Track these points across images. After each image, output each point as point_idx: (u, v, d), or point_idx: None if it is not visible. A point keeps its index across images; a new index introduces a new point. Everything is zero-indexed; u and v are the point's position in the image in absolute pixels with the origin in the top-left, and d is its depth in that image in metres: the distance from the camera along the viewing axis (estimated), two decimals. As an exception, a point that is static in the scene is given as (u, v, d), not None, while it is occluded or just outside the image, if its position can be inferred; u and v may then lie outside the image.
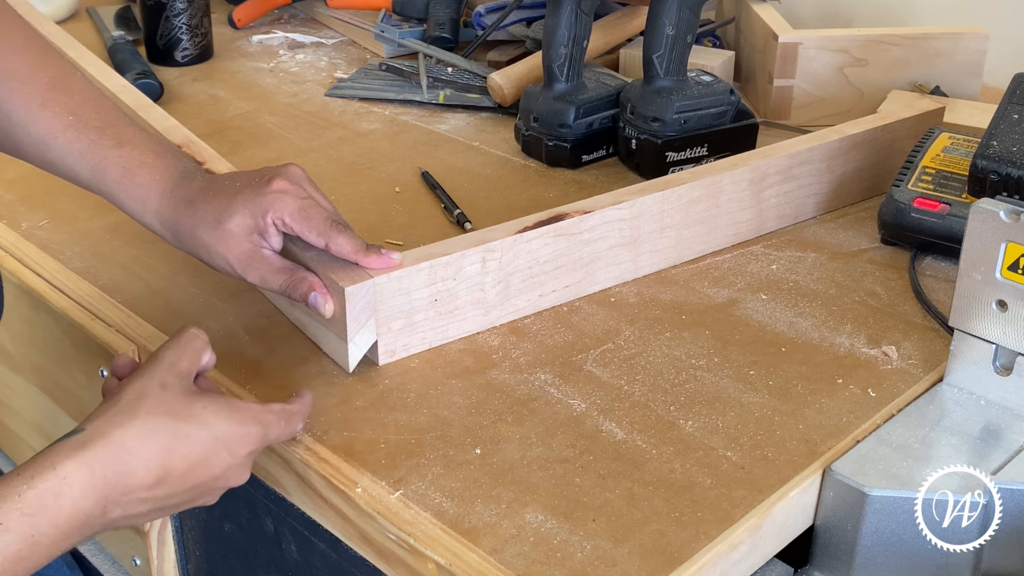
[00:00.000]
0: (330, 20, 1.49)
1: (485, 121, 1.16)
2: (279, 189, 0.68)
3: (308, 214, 0.68)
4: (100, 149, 0.70)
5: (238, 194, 0.69)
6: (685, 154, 0.99)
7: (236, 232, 0.68)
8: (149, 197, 0.71)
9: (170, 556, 0.83)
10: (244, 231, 0.68)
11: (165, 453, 0.56)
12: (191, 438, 0.57)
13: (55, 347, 0.81)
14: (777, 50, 1.12)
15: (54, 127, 0.70)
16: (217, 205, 0.69)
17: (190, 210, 0.69)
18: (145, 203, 0.71)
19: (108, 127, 0.71)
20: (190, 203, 0.70)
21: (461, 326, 0.74)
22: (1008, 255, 0.64)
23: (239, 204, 0.68)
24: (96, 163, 0.70)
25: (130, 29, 1.40)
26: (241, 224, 0.68)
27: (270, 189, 0.68)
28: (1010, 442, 0.64)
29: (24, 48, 0.71)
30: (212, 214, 0.68)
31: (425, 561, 0.57)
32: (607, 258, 0.80)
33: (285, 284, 0.69)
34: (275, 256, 0.69)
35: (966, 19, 1.27)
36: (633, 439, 0.64)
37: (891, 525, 0.60)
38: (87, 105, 0.72)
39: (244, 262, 0.68)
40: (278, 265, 0.69)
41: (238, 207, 0.68)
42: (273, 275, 0.69)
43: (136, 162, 0.71)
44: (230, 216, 0.68)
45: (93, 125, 0.71)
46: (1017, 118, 0.80)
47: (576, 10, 0.99)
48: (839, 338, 0.75)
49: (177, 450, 0.57)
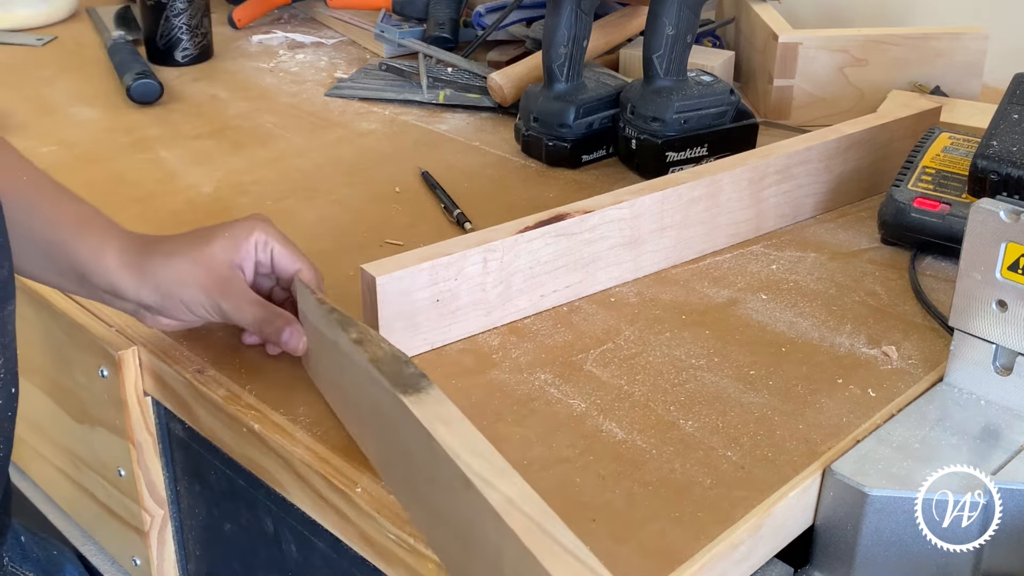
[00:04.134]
0: (330, 20, 1.49)
1: (485, 121, 1.16)
2: (260, 218, 0.71)
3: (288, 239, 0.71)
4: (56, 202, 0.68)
5: (217, 226, 0.70)
6: (685, 154, 0.99)
7: (218, 255, 0.68)
8: (108, 240, 0.68)
9: (170, 556, 0.83)
10: (225, 254, 0.68)
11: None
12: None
13: (55, 347, 0.81)
14: (777, 50, 1.12)
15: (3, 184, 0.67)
16: (195, 234, 0.69)
17: (161, 243, 0.69)
18: (103, 246, 0.67)
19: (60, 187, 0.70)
20: (160, 240, 0.69)
21: (463, 326, 0.74)
22: (1008, 255, 0.64)
23: (220, 229, 0.69)
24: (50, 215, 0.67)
25: (130, 29, 1.41)
26: (223, 247, 0.68)
27: (252, 217, 0.71)
28: (1010, 442, 0.64)
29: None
30: (189, 240, 0.69)
31: (425, 561, 0.57)
32: (608, 258, 0.80)
33: (260, 316, 0.68)
34: (250, 289, 0.69)
35: (966, 19, 1.27)
36: (633, 439, 0.64)
37: (891, 525, 0.60)
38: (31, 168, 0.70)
39: (221, 288, 0.68)
40: (254, 298, 0.69)
41: (220, 232, 0.69)
42: (248, 305, 0.68)
43: (92, 213, 0.69)
44: (211, 240, 0.68)
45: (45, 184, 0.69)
46: (1017, 118, 0.80)
47: (576, 10, 0.99)
48: (839, 338, 0.75)
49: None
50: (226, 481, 0.75)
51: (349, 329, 0.62)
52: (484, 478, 0.49)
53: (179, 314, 0.69)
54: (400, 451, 0.57)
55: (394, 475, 0.59)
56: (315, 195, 0.97)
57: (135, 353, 0.74)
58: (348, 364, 0.62)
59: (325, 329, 0.65)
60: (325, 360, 0.66)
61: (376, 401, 0.58)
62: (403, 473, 0.57)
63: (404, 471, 0.57)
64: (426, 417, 0.54)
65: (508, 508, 0.48)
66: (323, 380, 0.68)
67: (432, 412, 0.54)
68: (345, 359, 0.62)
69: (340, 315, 0.64)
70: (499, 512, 0.48)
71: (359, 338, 0.61)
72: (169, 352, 0.73)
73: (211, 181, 1.00)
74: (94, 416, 0.80)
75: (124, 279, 0.68)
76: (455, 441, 0.52)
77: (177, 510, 0.82)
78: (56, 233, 0.67)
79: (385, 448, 0.59)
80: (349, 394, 0.63)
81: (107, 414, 0.78)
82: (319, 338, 0.66)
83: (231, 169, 1.03)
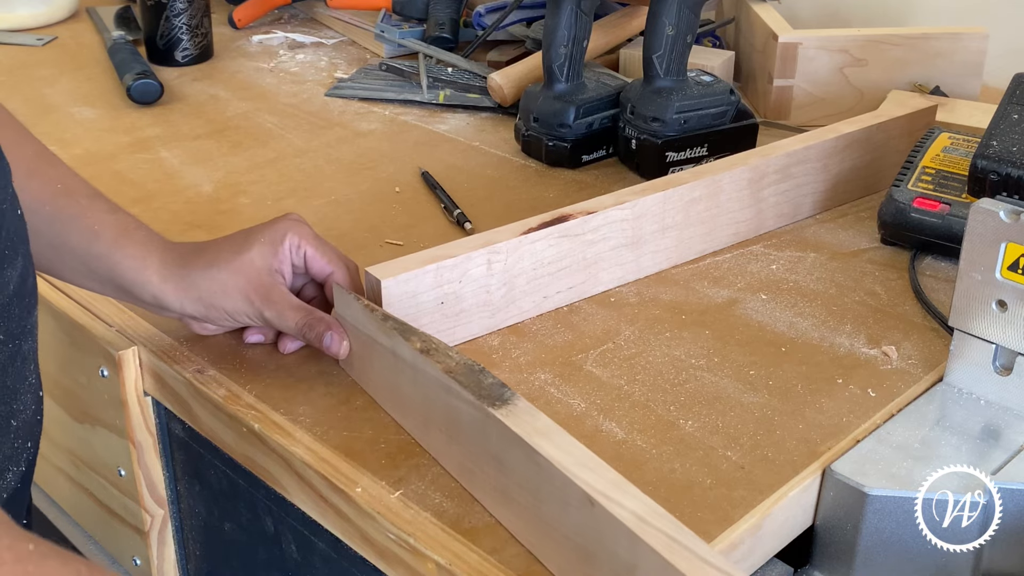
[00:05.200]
0: (330, 20, 1.49)
1: (485, 121, 1.16)
2: (294, 218, 0.72)
3: (321, 239, 0.72)
4: (94, 213, 0.69)
5: (252, 230, 0.71)
6: (685, 154, 0.99)
7: (256, 262, 0.69)
8: (149, 254, 0.69)
9: (170, 556, 0.83)
10: (264, 261, 0.69)
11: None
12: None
13: (55, 347, 0.81)
14: (777, 50, 1.12)
15: (42, 194, 0.68)
16: (232, 241, 0.70)
17: (200, 253, 0.70)
18: (145, 259, 0.69)
19: (98, 196, 0.71)
20: (198, 249, 0.70)
21: (467, 329, 0.74)
22: (1008, 255, 0.64)
23: (256, 234, 0.70)
24: (89, 226, 0.69)
25: (130, 29, 1.40)
26: (261, 253, 0.69)
27: (285, 218, 0.71)
28: (1010, 442, 0.64)
29: (3, 124, 0.70)
30: (228, 248, 0.69)
31: (425, 561, 0.57)
32: (610, 259, 0.80)
33: (302, 322, 0.68)
34: (291, 293, 0.70)
35: (966, 19, 1.27)
36: (633, 439, 0.64)
37: (891, 525, 0.60)
38: (72, 176, 0.71)
39: (263, 295, 0.69)
40: (295, 302, 0.69)
41: (256, 237, 0.70)
42: (291, 311, 0.69)
43: (132, 225, 0.70)
44: (249, 246, 0.69)
45: (83, 193, 0.70)
46: (1017, 118, 0.80)
47: (576, 10, 0.99)
48: (839, 338, 0.75)
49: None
50: (226, 481, 0.75)
51: (411, 338, 0.62)
52: (607, 495, 0.50)
53: (223, 322, 0.71)
54: (489, 461, 0.57)
55: (479, 481, 0.59)
56: (315, 195, 0.97)
57: (135, 353, 0.74)
58: (410, 371, 0.62)
59: (379, 336, 0.65)
60: (377, 365, 0.67)
61: (453, 411, 0.59)
62: (493, 481, 0.58)
63: (494, 480, 0.57)
64: (524, 432, 0.54)
65: (640, 524, 0.48)
66: (373, 383, 0.68)
67: (528, 426, 0.54)
68: (406, 366, 0.62)
69: (396, 322, 0.64)
70: (632, 529, 0.48)
71: (424, 348, 0.61)
72: (169, 352, 0.73)
73: (211, 181, 1.00)
74: (94, 416, 0.80)
75: (167, 294, 0.69)
76: (562, 456, 0.52)
77: (177, 510, 0.82)
78: (96, 245, 0.69)
79: (466, 456, 0.60)
80: (412, 400, 0.63)
81: (107, 414, 0.78)
82: (369, 343, 0.66)
83: (231, 169, 1.03)
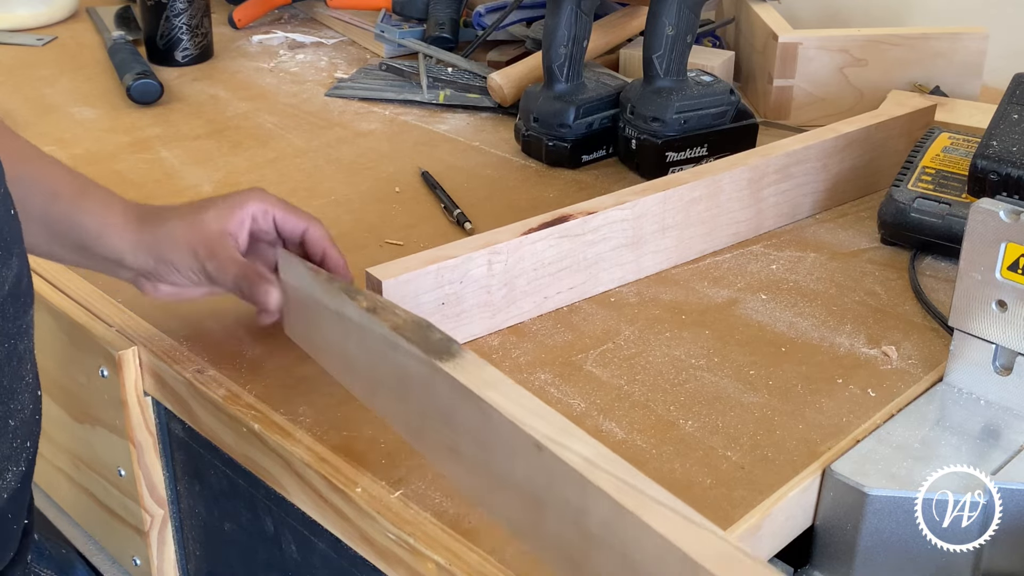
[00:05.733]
0: (330, 20, 1.49)
1: (485, 121, 1.16)
2: (258, 189, 0.73)
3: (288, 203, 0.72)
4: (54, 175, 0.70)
5: (214, 197, 0.72)
6: (685, 154, 0.99)
7: (210, 223, 0.69)
8: (109, 209, 0.70)
9: (170, 556, 0.83)
10: (219, 223, 0.69)
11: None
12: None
13: (55, 347, 0.81)
14: (777, 50, 1.12)
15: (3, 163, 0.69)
16: (192, 204, 0.72)
17: (159, 211, 0.71)
18: (104, 215, 0.70)
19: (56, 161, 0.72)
20: (158, 209, 0.72)
21: (468, 329, 0.74)
22: (1008, 255, 0.64)
23: (216, 200, 0.71)
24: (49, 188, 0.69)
25: (130, 29, 1.40)
26: (217, 215, 0.70)
27: (249, 188, 0.72)
28: (1010, 442, 0.64)
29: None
30: (186, 209, 0.71)
31: (425, 561, 0.57)
32: (611, 259, 0.80)
33: (240, 273, 0.68)
34: (237, 252, 0.70)
35: (966, 19, 1.27)
36: (633, 439, 0.64)
37: (891, 525, 0.60)
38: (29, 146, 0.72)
39: (209, 249, 0.69)
40: (238, 258, 0.69)
41: (215, 202, 0.71)
42: (231, 264, 0.69)
43: (91, 185, 0.72)
44: (206, 209, 0.70)
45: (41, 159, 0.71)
46: (1017, 118, 0.80)
47: (576, 10, 0.99)
48: (839, 338, 0.75)
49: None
50: (226, 481, 0.75)
51: (357, 298, 0.61)
52: (555, 440, 0.48)
53: (170, 276, 0.70)
54: (437, 417, 0.56)
55: (428, 440, 0.57)
56: (315, 195, 0.97)
57: (135, 353, 0.74)
58: (357, 332, 0.61)
59: (325, 299, 0.64)
60: (323, 329, 0.65)
61: (399, 368, 0.57)
62: (443, 438, 0.56)
63: (444, 436, 0.56)
64: (472, 383, 0.52)
65: (590, 468, 0.47)
66: (320, 349, 0.67)
67: (477, 377, 0.53)
68: (352, 326, 0.61)
69: (342, 284, 0.63)
70: (581, 472, 0.46)
71: (371, 306, 0.60)
72: (169, 352, 0.73)
73: (211, 181, 1.00)
74: (94, 416, 0.80)
75: (124, 244, 0.70)
76: (510, 405, 0.51)
77: (177, 510, 0.82)
78: (56, 205, 0.69)
79: (414, 414, 0.58)
80: (360, 361, 0.62)
81: (107, 414, 0.78)
82: (316, 308, 0.65)
83: (231, 169, 1.03)
